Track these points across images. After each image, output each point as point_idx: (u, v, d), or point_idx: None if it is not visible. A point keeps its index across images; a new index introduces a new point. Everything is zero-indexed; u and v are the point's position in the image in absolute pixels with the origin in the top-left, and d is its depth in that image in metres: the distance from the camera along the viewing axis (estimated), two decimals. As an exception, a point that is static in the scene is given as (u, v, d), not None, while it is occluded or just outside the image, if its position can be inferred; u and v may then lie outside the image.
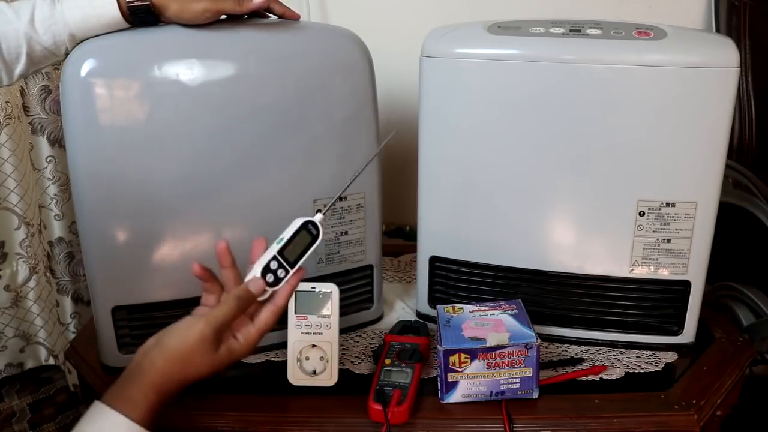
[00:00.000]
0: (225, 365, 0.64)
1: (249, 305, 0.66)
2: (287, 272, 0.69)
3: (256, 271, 0.68)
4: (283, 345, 0.79)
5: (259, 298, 0.68)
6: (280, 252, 0.69)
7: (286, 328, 0.75)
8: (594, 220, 0.83)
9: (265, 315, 0.67)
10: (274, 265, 0.68)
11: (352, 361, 0.85)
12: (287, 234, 0.69)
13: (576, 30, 0.80)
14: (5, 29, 0.72)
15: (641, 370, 0.82)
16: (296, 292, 0.74)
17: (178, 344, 0.59)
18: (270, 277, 0.68)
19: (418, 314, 0.95)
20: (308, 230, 0.70)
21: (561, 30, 0.80)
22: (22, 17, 0.72)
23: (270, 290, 0.68)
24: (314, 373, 0.76)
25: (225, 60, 0.77)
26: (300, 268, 0.70)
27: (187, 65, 0.75)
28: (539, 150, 0.82)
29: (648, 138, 0.79)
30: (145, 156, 0.76)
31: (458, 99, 0.83)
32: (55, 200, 1.16)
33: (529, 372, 0.74)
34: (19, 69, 0.75)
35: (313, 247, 0.70)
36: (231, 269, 0.70)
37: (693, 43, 0.80)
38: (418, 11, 1.19)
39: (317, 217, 0.71)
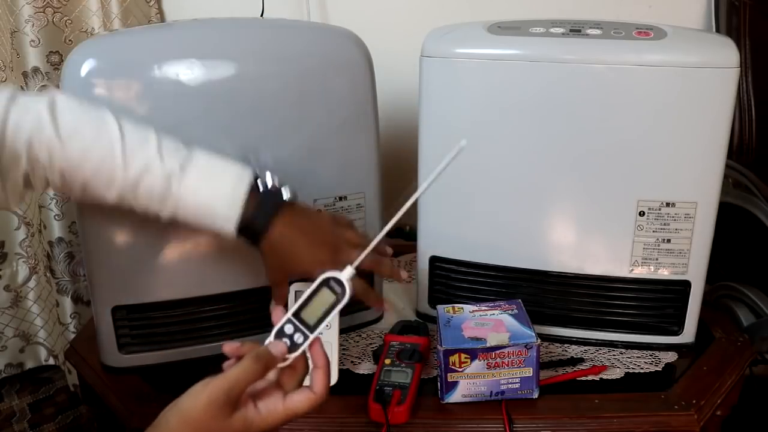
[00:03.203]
0: None
1: (269, 368, 0.55)
2: (306, 338, 0.55)
3: (271, 335, 0.57)
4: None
5: (280, 365, 0.56)
6: (296, 313, 0.56)
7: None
8: (594, 220, 0.83)
9: (299, 398, 0.55)
10: (289, 328, 0.56)
11: (352, 361, 0.85)
12: (307, 291, 0.56)
13: (576, 30, 0.80)
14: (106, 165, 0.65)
15: (641, 370, 0.82)
16: (296, 292, 0.73)
17: (190, 405, 0.53)
18: (286, 342, 0.56)
19: (418, 314, 0.95)
20: (330, 288, 0.56)
21: (561, 30, 0.80)
22: (129, 170, 0.65)
23: (291, 357, 0.56)
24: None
25: (225, 60, 0.77)
26: (317, 337, 0.56)
27: (187, 65, 0.75)
28: (539, 150, 0.82)
29: (648, 138, 0.79)
30: (145, 156, 0.76)
31: (458, 99, 0.83)
32: (55, 200, 1.16)
33: (529, 372, 0.74)
34: (74, 197, 0.68)
35: (336, 310, 0.55)
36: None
37: (693, 43, 0.80)
38: (418, 11, 1.19)
39: (345, 273, 0.56)
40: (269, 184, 0.69)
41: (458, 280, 0.91)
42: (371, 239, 0.61)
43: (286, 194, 0.70)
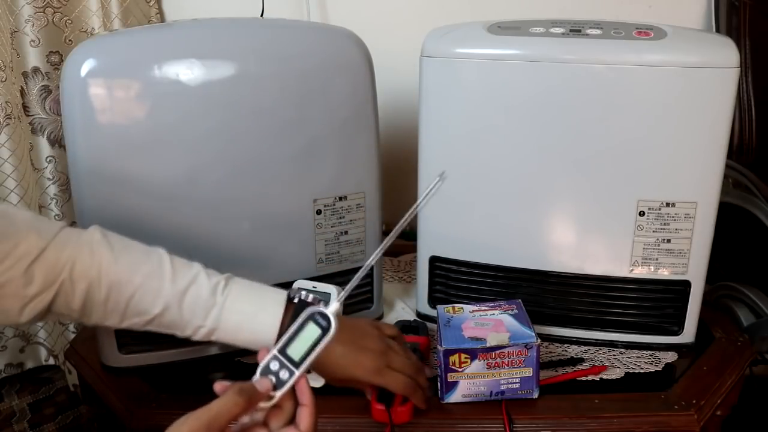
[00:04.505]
0: None
1: (253, 403, 0.54)
2: (292, 374, 0.55)
3: (257, 372, 0.57)
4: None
5: (264, 404, 0.56)
6: (282, 349, 0.56)
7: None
8: (594, 220, 0.83)
9: None
10: (275, 365, 0.55)
11: (352, 361, 0.84)
12: (293, 327, 0.56)
13: (576, 30, 0.80)
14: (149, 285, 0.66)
15: (641, 370, 0.82)
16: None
17: None
18: (272, 379, 0.56)
19: (418, 314, 0.95)
20: (316, 322, 0.56)
21: (561, 30, 0.80)
22: (177, 281, 0.66)
23: (277, 395, 0.55)
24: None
25: (225, 60, 0.77)
26: (304, 374, 0.56)
27: (187, 65, 0.75)
28: (539, 150, 0.82)
29: (648, 138, 0.79)
30: (145, 156, 0.76)
31: (458, 99, 0.83)
32: (55, 200, 1.16)
33: (529, 372, 0.74)
34: (111, 321, 0.68)
35: (322, 344, 0.55)
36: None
37: (693, 43, 0.80)
38: (418, 11, 1.19)
39: (331, 307, 0.56)
40: (306, 299, 0.69)
41: (458, 280, 0.91)
42: (416, 361, 0.67)
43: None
